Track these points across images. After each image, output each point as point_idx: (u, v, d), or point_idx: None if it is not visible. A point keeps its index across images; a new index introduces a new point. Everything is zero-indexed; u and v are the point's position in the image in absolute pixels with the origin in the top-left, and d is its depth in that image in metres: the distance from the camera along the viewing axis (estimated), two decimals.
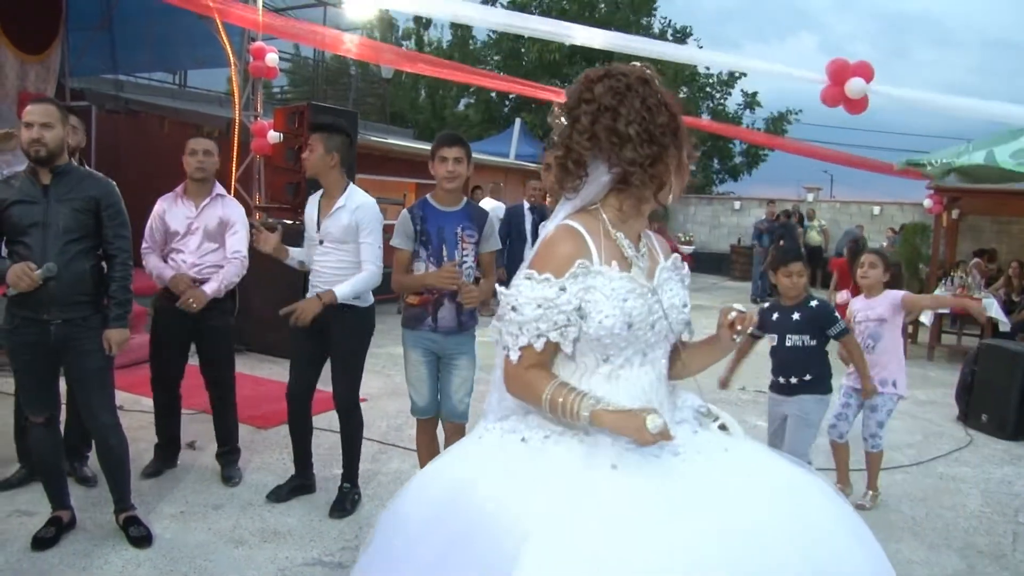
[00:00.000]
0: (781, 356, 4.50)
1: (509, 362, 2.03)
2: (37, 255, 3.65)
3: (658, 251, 2.18)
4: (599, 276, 1.97)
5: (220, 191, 4.85)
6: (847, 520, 2.01)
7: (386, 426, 5.96)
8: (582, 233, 2.00)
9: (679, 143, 2.00)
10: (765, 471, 2.01)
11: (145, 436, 5.08)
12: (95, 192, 3.80)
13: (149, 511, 4.21)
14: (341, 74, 21.82)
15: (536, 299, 1.95)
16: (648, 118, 1.95)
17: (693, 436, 2.04)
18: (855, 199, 22.94)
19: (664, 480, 1.87)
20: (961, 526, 4.75)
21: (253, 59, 8.94)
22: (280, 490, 4.56)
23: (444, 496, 1.98)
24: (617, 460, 1.90)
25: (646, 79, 1.99)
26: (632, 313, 1.97)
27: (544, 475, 1.89)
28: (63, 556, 3.76)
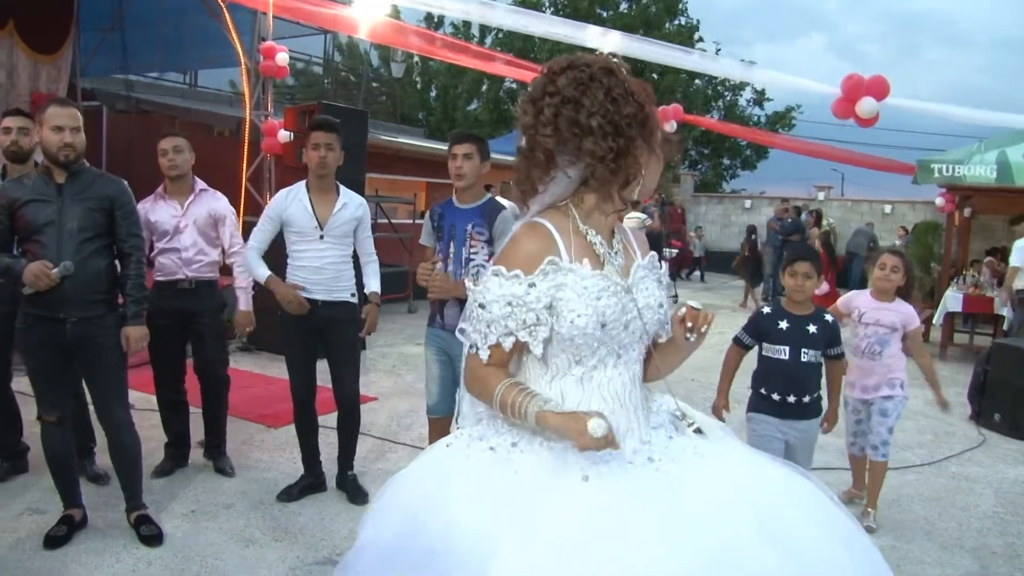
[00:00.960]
0: (791, 372, 3.97)
1: (472, 359, 1.97)
2: (52, 254, 3.66)
3: (635, 249, 2.11)
4: (570, 274, 1.90)
5: (202, 186, 4.88)
6: (835, 524, 1.93)
7: (396, 425, 5.96)
8: (550, 230, 1.93)
9: (647, 134, 1.91)
10: (742, 478, 1.92)
11: (156, 435, 5.10)
12: (109, 191, 3.83)
13: (160, 510, 4.22)
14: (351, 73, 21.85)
15: (505, 296, 1.89)
16: (612, 109, 1.86)
17: (668, 442, 1.98)
18: (866, 198, 22.86)
19: (637, 493, 1.81)
20: (974, 526, 4.72)
21: (263, 58, 8.95)
22: (291, 490, 4.57)
23: (407, 517, 1.92)
24: (589, 470, 1.82)
25: (611, 69, 1.89)
26: (606, 312, 1.89)
27: (511, 489, 1.83)
28: (75, 554, 3.77)
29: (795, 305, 4.01)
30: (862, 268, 17.49)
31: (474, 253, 4.07)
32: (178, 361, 4.92)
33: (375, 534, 2.00)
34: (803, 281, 3.98)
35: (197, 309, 4.74)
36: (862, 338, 4.67)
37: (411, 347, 9.07)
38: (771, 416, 4.00)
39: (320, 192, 4.45)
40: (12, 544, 3.84)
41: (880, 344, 4.62)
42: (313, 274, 4.41)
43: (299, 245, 4.44)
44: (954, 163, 10.86)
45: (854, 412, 4.79)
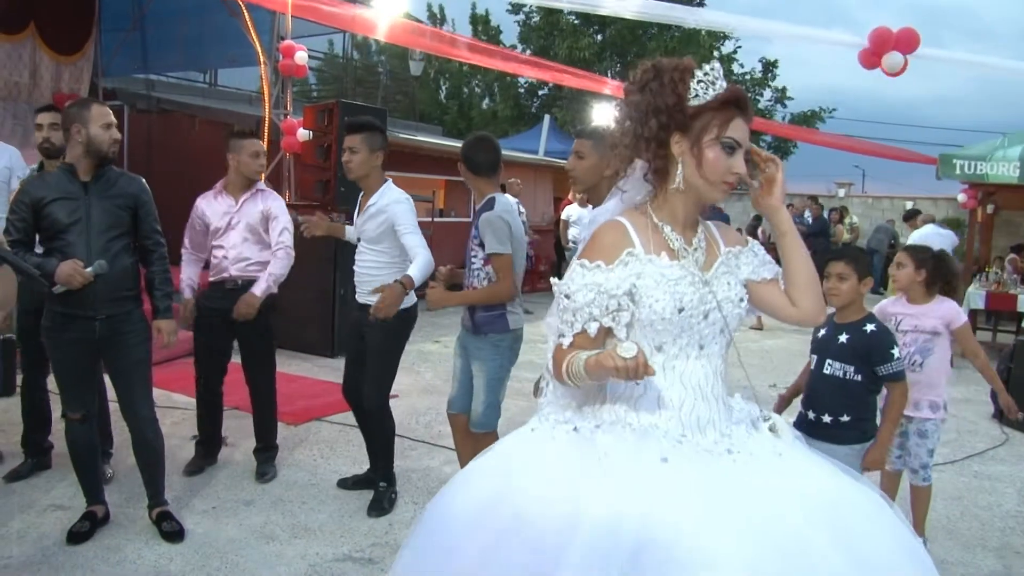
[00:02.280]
0: (814, 384, 3.62)
1: (557, 349, 2.04)
2: (81, 252, 3.69)
3: (719, 243, 2.18)
4: (648, 264, 2.00)
5: (261, 186, 4.88)
6: (898, 534, 1.97)
7: (416, 423, 5.97)
8: (626, 226, 2.06)
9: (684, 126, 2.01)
10: (817, 480, 1.97)
11: (177, 432, 5.14)
12: (132, 189, 3.90)
13: (181, 506, 4.25)
14: (370, 72, 21.90)
15: (588, 285, 1.99)
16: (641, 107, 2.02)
17: (748, 438, 2.03)
18: (887, 194, 22.68)
19: (714, 479, 1.87)
20: (997, 526, 4.68)
21: (283, 57, 8.99)
22: (347, 481, 4.68)
23: (490, 489, 1.98)
24: (668, 453, 1.90)
25: (659, 68, 2.03)
26: (683, 299, 1.99)
27: (592, 465, 1.90)
28: (97, 550, 3.80)
29: (839, 311, 3.59)
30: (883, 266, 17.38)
31: (473, 256, 4.07)
32: (221, 360, 4.92)
33: (454, 507, 2.03)
34: (837, 283, 3.56)
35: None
36: (902, 347, 3.94)
37: (430, 344, 9.09)
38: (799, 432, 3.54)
39: (366, 193, 4.45)
40: (36, 539, 3.88)
41: (921, 354, 4.10)
42: (356, 277, 4.45)
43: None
44: (976, 159, 10.75)
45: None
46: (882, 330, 3.56)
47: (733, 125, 2.00)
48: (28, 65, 9.43)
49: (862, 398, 3.54)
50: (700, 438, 1.98)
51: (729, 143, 1.99)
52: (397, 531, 4.15)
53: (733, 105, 2.01)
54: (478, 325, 4.08)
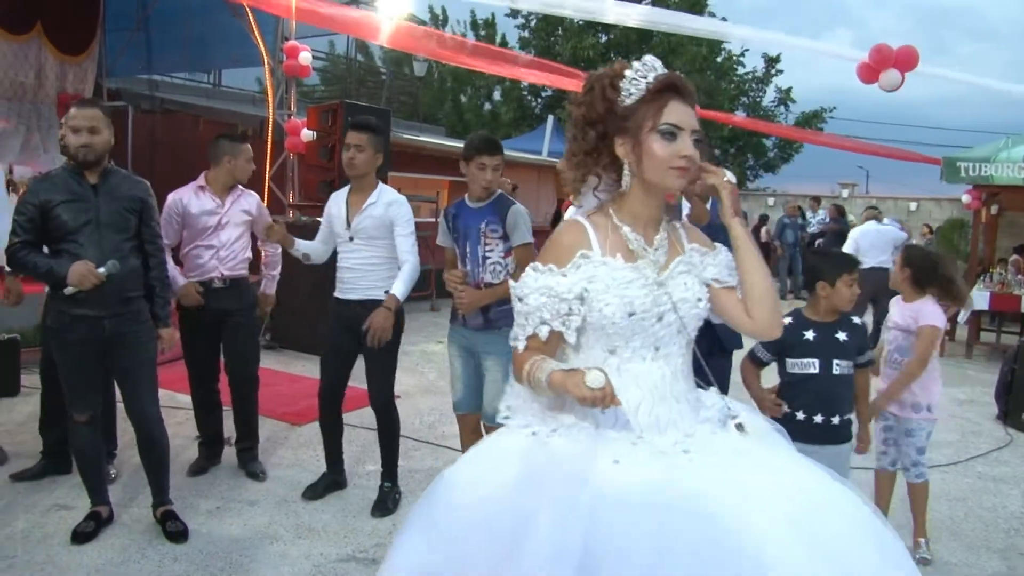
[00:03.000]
0: (823, 388, 3.51)
1: (516, 352, 2.06)
2: (92, 253, 3.70)
3: (684, 243, 2.15)
4: (602, 266, 2.00)
5: (240, 186, 4.95)
6: (871, 533, 1.90)
7: (419, 423, 5.97)
8: (585, 226, 2.06)
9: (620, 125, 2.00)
10: (777, 477, 1.91)
11: (180, 433, 5.15)
12: (138, 192, 3.93)
13: (185, 507, 4.25)
14: (374, 72, 21.91)
15: (540, 288, 1.99)
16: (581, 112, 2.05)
17: (711, 436, 2.01)
18: (891, 195, 22.67)
19: (665, 477, 1.85)
20: (1001, 527, 4.68)
21: (286, 58, 8.99)
22: (315, 487, 4.59)
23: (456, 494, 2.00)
24: (621, 455, 1.89)
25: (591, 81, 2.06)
26: (634, 302, 1.97)
27: (546, 467, 1.90)
28: (101, 550, 3.80)
29: (822, 312, 3.58)
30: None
31: (489, 251, 4.07)
32: (213, 359, 4.94)
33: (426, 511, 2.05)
34: (856, 289, 3.56)
35: (231, 307, 4.77)
36: (887, 344, 4.23)
37: (433, 345, 9.10)
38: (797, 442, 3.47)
39: (357, 192, 4.46)
40: (40, 539, 3.88)
41: (899, 352, 4.14)
42: (346, 274, 4.43)
43: (339, 246, 4.49)
44: (981, 161, 10.73)
45: (882, 417, 4.21)
46: (863, 321, 3.73)
47: (668, 110, 1.97)
48: (34, 65, 9.44)
49: (852, 393, 3.67)
50: (659, 439, 1.96)
51: (666, 129, 1.96)
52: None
53: (667, 91, 1.99)
54: (492, 320, 4.07)
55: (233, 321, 4.80)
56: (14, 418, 5.14)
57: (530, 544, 1.76)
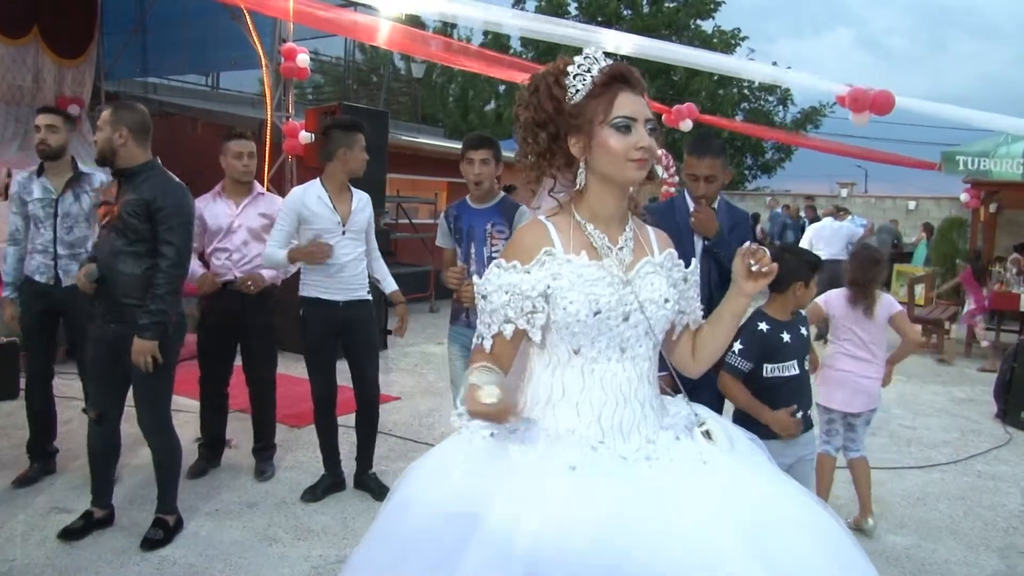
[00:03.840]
0: (802, 386, 3.67)
1: (477, 351, 2.02)
2: (98, 257, 3.84)
3: (652, 245, 2.12)
4: (566, 264, 1.96)
5: (260, 189, 4.93)
6: (838, 552, 1.88)
7: (418, 424, 5.97)
8: (546, 225, 2.02)
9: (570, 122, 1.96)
10: (741, 486, 1.90)
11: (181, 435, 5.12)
12: (148, 195, 3.77)
13: (185, 508, 4.24)
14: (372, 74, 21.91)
15: (503, 285, 1.96)
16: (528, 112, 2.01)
17: (674, 443, 1.98)
18: (890, 194, 22.65)
19: (621, 485, 1.82)
20: (1000, 525, 4.68)
21: (284, 60, 8.98)
22: (315, 490, 4.59)
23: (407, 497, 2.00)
24: (578, 461, 1.86)
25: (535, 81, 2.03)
26: (599, 300, 1.93)
27: (500, 472, 1.87)
28: (100, 552, 3.80)
29: (788, 312, 3.67)
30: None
31: (496, 251, 4.09)
32: (226, 362, 4.95)
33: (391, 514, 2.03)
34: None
35: (247, 310, 4.76)
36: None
37: (432, 346, 9.09)
38: (774, 440, 3.42)
39: (338, 190, 4.50)
40: (39, 541, 3.88)
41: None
42: (335, 273, 4.42)
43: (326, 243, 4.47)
44: (980, 156, 10.75)
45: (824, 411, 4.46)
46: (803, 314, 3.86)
47: (619, 103, 1.93)
48: (31, 69, 9.44)
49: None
50: (621, 444, 1.93)
51: (620, 123, 1.92)
52: None
53: (615, 83, 1.95)
54: None
55: (251, 324, 4.80)
56: (14, 421, 5.14)
57: (476, 543, 1.73)
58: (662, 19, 26.82)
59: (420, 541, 1.84)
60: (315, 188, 4.48)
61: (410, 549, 1.85)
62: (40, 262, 4.57)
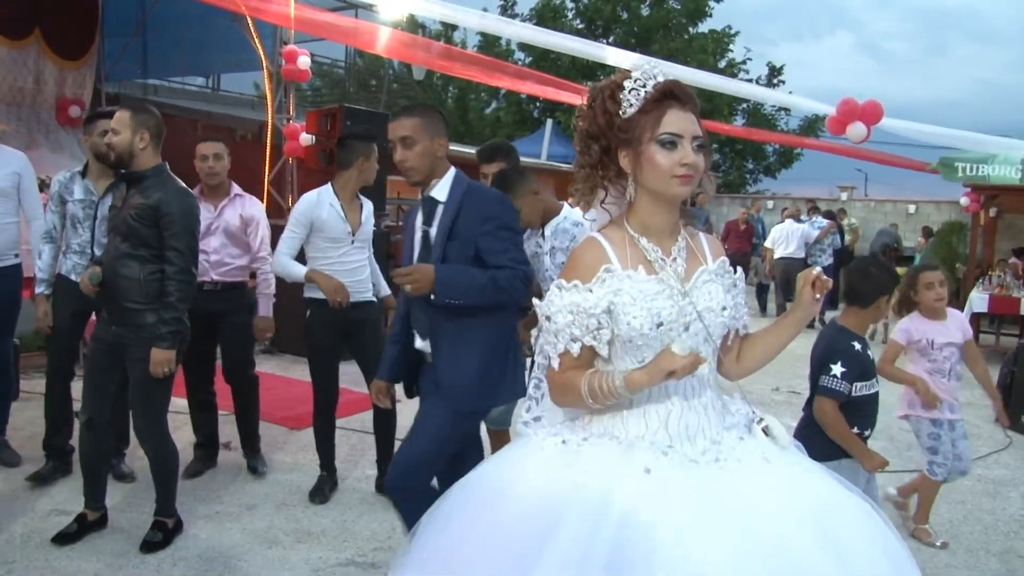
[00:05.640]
0: (876, 402, 3.60)
1: (551, 372, 2.07)
2: (104, 259, 3.84)
3: (706, 254, 2.16)
4: (626, 280, 2.00)
5: (238, 191, 4.92)
6: (885, 543, 1.97)
7: None
8: (602, 243, 2.06)
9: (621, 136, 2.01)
10: (805, 485, 1.99)
11: (180, 437, 5.11)
12: (153, 200, 3.75)
13: (184, 511, 4.23)
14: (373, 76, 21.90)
15: (567, 306, 2.00)
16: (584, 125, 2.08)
17: (738, 443, 2.03)
18: (889, 198, 22.65)
19: (697, 487, 1.88)
20: (1001, 530, 4.67)
21: (285, 62, 8.99)
22: (323, 491, 4.60)
23: (484, 495, 2.03)
24: (652, 464, 1.91)
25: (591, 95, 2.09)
26: (661, 313, 1.98)
27: (577, 475, 1.91)
28: (99, 555, 3.80)
29: (860, 326, 3.62)
30: None
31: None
32: (207, 362, 4.96)
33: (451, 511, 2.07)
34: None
35: (224, 311, 4.78)
36: (943, 361, 4.30)
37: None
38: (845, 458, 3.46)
39: (350, 199, 4.54)
40: (39, 544, 3.88)
41: (960, 364, 4.38)
42: (342, 278, 4.42)
43: (328, 251, 4.47)
44: (978, 161, 10.73)
45: (936, 425, 4.32)
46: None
47: (667, 120, 1.98)
48: (32, 71, 9.45)
49: None
50: (689, 448, 1.98)
51: (666, 139, 1.97)
52: (400, 535, 4.14)
53: (665, 99, 1.99)
54: None
55: (227, 324, 4.83)
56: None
57: (551, 553, 1.77)
58: (657, 21, 26.84)
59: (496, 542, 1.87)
60: (327, 196, 4.49)
61: (483, 549, 1.88)
62: (76, 262, 4.60)
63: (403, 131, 3.17)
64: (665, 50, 24.85)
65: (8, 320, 4.93)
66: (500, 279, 3.07)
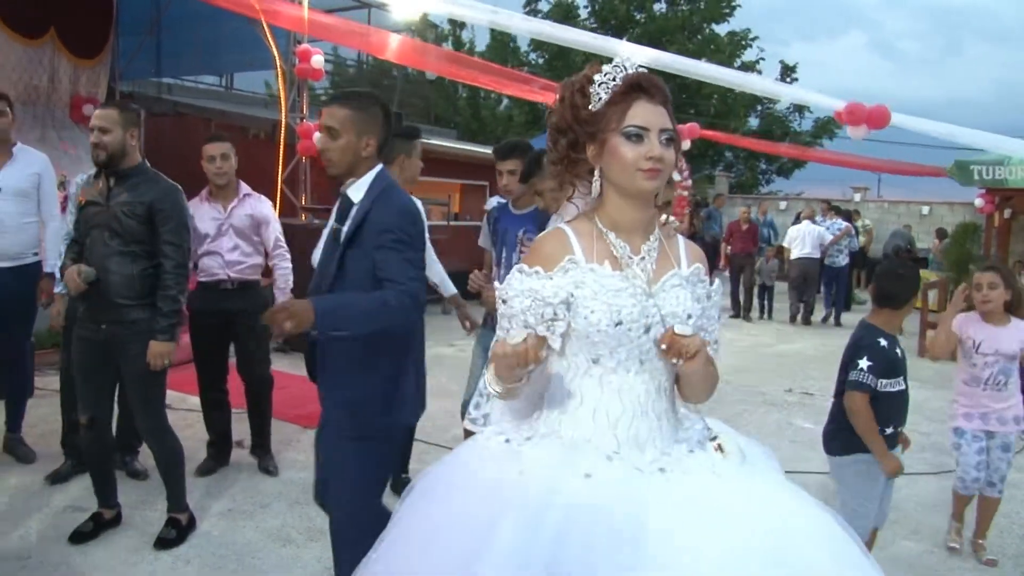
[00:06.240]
0: (905, 401, 3.65)
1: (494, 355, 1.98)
2: (91, 255, 3.76)
3: (680, 258, 2.07)
4: (589, 272, 1.94)
5: (247, 190, 4.94)
6: (849, 561, 1.86)
7: (431, 426, 5.95)
8: (567, 233, 2.01)
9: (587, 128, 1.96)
10: (753, 500, 1.87)
11: (192, 435, 5.15)
12: (148, 197, 3.80)
13: (197, 508, 4.26)
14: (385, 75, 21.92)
15: (525, 291, 1.93)
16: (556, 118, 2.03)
17: (687, 455, 1.96)
18: (903, 199, 22.55)
19: (636, 495, 1.81)
20: (1016, 533, 4.66)
21: (299, 61, 9.02)
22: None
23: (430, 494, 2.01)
24: (593, 469, 1.85)
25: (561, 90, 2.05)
26: (621, 311, 1.91)
27: (515, 476, 1.87)
28: (114, 551, 3.82)
29: (891, 325, 3.62)
30: None
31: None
32: (220, 360, 4.99)
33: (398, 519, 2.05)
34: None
35: (239, 309, 4.80)
36: (982, 368, 4.20)
37: (444, 348, 9.11)
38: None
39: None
40: (55, 539, 3.91)
41: (1004, 374, 4.20)
42: None
43: None
44: (994, 164, 10.66)
45: (974, 439, 4.29)
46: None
47: (633, 112, 1.92)
48: (47, 69, 9.48)
49: None
50: (637, 456, 1.91)
51: (631, 131, 1.91)
52: None
53: (633, 91, 1.93)
54: None
55: (242, 323, 4.84)
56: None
57: (490, 554, 1.72)
58: (676, 22, 26.80)
59: (434, 548, 1.84)
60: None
61: (422, 554, 1.86)
62: None
63: (331, 121, 2.97)
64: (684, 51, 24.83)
65: (27, 318, 4.97)
66: (391, 299, 2.83)
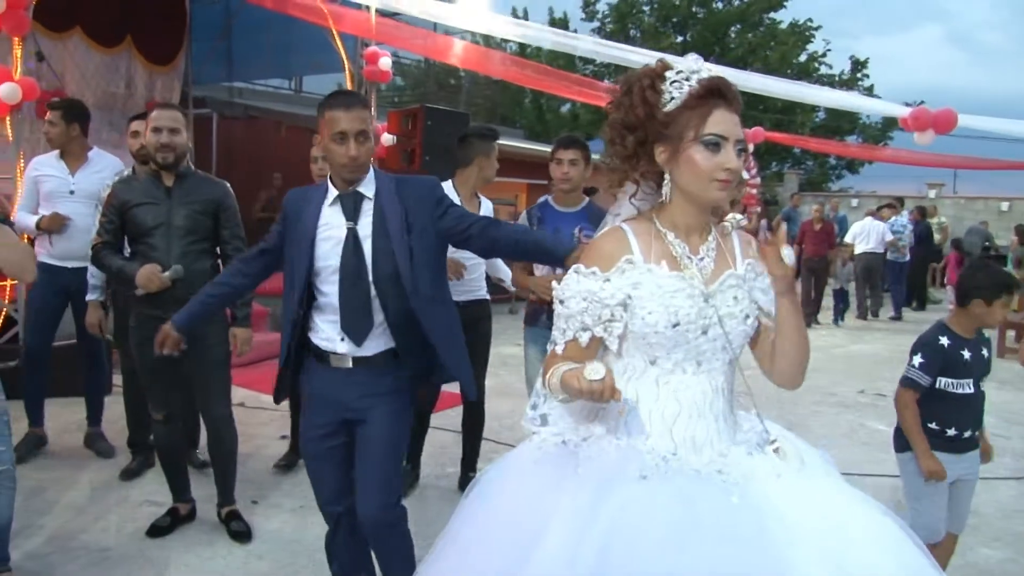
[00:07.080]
0: (976, 406, 3.49)
1: (551, 354, 1.98)
2: (162, 255, 3.82)
3: (736, 256, 2.04)
4: (647, 273, 1.91)
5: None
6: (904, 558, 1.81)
7: (499, 425, 5.97)
8: (626, 233, 1.98)
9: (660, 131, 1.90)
10: (816, 504, 1.83)
11: (265, 432, 5.24)
12: (214, 195, 3.97)
13: (270, 505, 4.33)
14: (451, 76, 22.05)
15: (581, 292, 1.92)
16: (620, 116, 1.96)
17: (746, 458, 1.92)
18: (981, 194, 21.92)
19: (693, 498, 1.78)
20: None
21: (367, 64, 9.11)
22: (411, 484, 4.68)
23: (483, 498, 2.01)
24: (649, 471, 1.83)
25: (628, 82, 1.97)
26: (679, 312, 1.89)
27: (571, 476, 1.86)
28: (189, 545, 3.91)
29: (971, 329, 3.48)
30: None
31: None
32: None
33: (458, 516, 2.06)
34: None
35: None
36: None
37: (510, 347, 9.10)
38: (944, 453, 3.41)
39: (469, 196, 4.59)
40: (132, 533, 4.01)
41: None
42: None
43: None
44: None
45: None
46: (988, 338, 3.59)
47: (712, 119, 1.86)
48: (124, 76, 9.73)
49: None
50: (694, 457, 1.89)
51: (710, 140, 1.85)
52: None
53: (712, 97, 1.87)
54: None
55: None
56: (108, 416, 5.30)
57: (540, 552, 1.72)
58: (733, 13, 26.49)
59: (482, 549, 1.86)
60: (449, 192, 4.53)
61: (472, 556, 1.87)
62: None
63: (363, 124, 2.82)
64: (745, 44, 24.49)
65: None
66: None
